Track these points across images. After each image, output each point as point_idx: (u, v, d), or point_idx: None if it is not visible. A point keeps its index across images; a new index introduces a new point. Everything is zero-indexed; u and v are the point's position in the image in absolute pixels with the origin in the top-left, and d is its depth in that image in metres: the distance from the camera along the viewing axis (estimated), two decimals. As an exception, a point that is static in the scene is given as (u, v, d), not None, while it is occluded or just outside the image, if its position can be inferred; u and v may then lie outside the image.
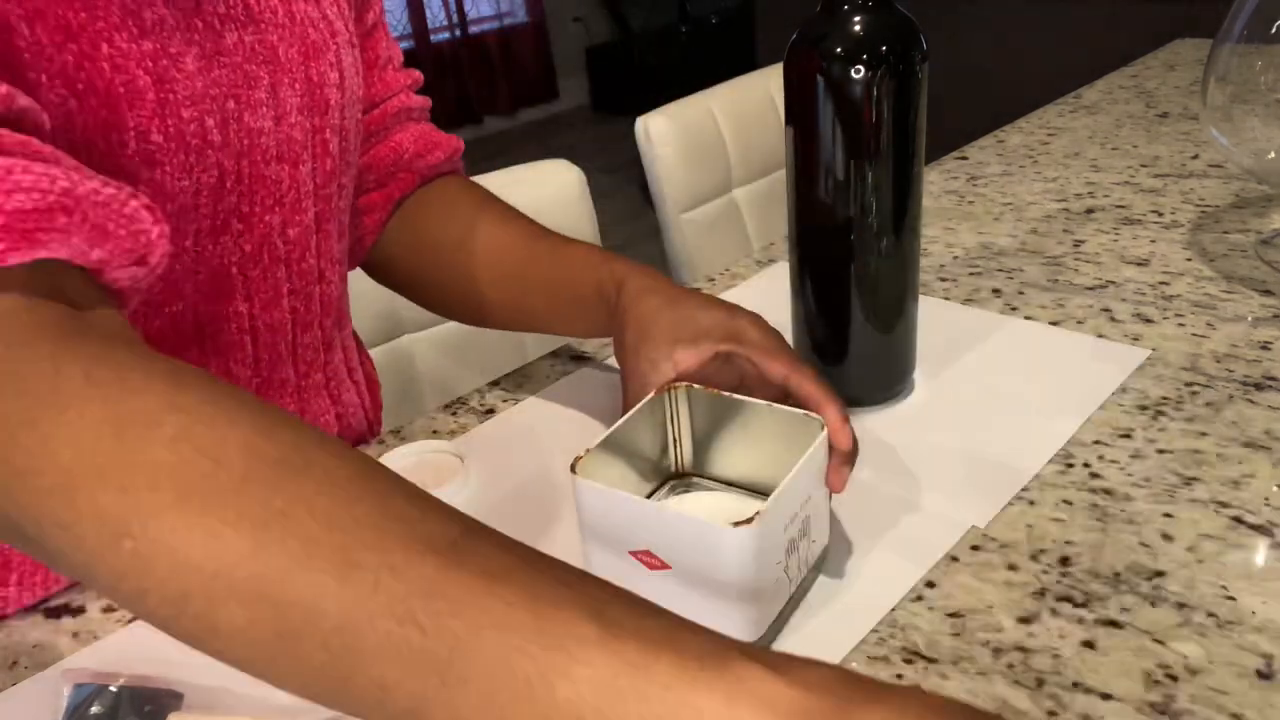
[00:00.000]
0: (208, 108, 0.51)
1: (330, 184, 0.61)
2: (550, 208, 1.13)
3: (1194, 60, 1.38)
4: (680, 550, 0.45)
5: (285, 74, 0.56)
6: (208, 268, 0.55)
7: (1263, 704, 0.41)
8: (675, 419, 0.54)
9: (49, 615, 0.53)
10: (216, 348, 0.57)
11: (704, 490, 0.55)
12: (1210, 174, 0.97)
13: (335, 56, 0.59)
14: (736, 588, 0.44)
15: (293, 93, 0.56)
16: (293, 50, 0.56)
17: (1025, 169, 1.05)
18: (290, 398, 0.63)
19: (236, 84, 0.53)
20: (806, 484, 0.47)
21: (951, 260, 0.85)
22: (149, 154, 0.49)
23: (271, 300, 0.59)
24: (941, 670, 0.44)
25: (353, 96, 0.62)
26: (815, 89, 0.56)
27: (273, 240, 0.58)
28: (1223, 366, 0.65)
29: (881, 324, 0.62)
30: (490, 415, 0.69)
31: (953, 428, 0.62)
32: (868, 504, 0.55)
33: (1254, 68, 0.74)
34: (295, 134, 0.57)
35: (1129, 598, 0.47)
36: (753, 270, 0.88)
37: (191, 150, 0.51)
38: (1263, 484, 0.54)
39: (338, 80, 0.59)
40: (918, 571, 0.50)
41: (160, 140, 0.49)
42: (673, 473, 0.56)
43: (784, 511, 0.45)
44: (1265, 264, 0.78)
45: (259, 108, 0.54)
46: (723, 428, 0.53)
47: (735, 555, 0.43)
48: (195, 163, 0.51)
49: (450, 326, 1.09)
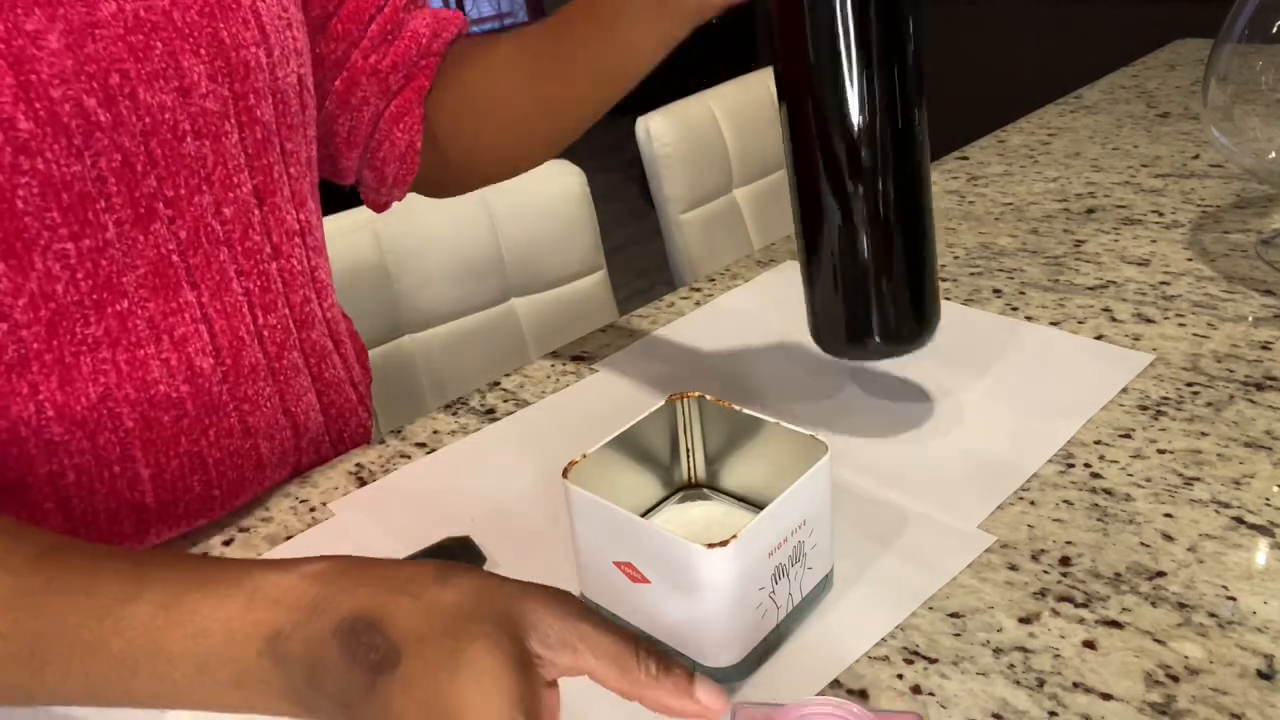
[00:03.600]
0: (85, 86, 0.47)
1: (267, 153, 0.57)
2: (550, 208, 1.13)
3: (1195, 60, 1.38)
4: (659, 566, 0.44)
5: (185, 40, 0.51)
6: (144, 260, 0.52)
7: (1263, 704, 0.41)
8: (688, 429, 0.53)
9: (49, 615, 0.52)
10: (173, 341, 0.55)
11: (711, 502, 0.54)
12: (1211, 174, 0.97)
13: (251, 12, 0.54)
14: (713, 609, 0.43)
15: (199, 60, 0.52)
16: (191, 12, 0.51)
17: (1026, 169, 1.05)
18: (264, 381, 0.60)
19: (120, 57, 0.48)
20: (800, 509, 0.45)
21: (952, 260, 0.85)
22: (21, 143, 0.46)
23: (220, 285, 0.56)
24: (942, 670, 0.44)
25: (286, 51, 0.57)
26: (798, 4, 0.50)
27: (208, 222, 0.55)
28: (1223, 366, 0.65)
29: (905, 248, 0.55)
30: (490, 415, 0.69)
31: (953, 428, 0.62)
32: (868, 505, 0.55)
33: (1255, 68, 0.74)
34: (210, 105, 0.53)
35: (1130, 598, 0.47)
36: (753, 270, 0.88)
37: (74, 133, 0.47)
38: (1263, 484, 0.54)
39: (257, 38, 0.55)
40: (927, 582, 0.50)
41: (30, 126, 0.46)
42: (686, 482, 0.55)
43: (768, 536, 0.43)
44: (1266, 264, 0.78)
45: (155, 81, 0.50)
46: (734, 441, 0.52)
47: (710, 576, 0.42)
48: (84, 146, 0.48)
49: (450, 327, 1.09)
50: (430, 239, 1.06)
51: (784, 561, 0.45)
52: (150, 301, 0.53)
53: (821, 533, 0.47)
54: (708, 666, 0.44)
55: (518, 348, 1.12)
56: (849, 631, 0.47)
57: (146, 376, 0.54)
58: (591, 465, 0.47)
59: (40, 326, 0.50)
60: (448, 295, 1.08)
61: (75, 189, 0.49)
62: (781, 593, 0.45)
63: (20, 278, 0.49)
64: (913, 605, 0.48)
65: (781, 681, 0.45)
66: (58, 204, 0.48)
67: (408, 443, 0.66)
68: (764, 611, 0.45)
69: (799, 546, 0.46)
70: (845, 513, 0.55)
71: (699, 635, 0.44)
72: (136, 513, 0.56)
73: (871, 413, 0.64)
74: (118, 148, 0.50)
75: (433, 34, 0.67)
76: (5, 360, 0.50)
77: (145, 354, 0.54)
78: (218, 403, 0.58)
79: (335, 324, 0.68)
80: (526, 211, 1.11)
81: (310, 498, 0.61)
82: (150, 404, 0.55)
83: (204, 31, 0.52)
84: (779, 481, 0.45)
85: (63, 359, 0.51)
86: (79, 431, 0.53)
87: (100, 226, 0.50)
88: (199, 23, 0.52)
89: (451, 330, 1.09)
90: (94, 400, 0.53)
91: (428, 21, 0.67)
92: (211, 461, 0.58)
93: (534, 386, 0.72)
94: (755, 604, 0.44)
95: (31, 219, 0.48)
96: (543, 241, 1.12)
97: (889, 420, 0.63)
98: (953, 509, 0.54)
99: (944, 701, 0.43)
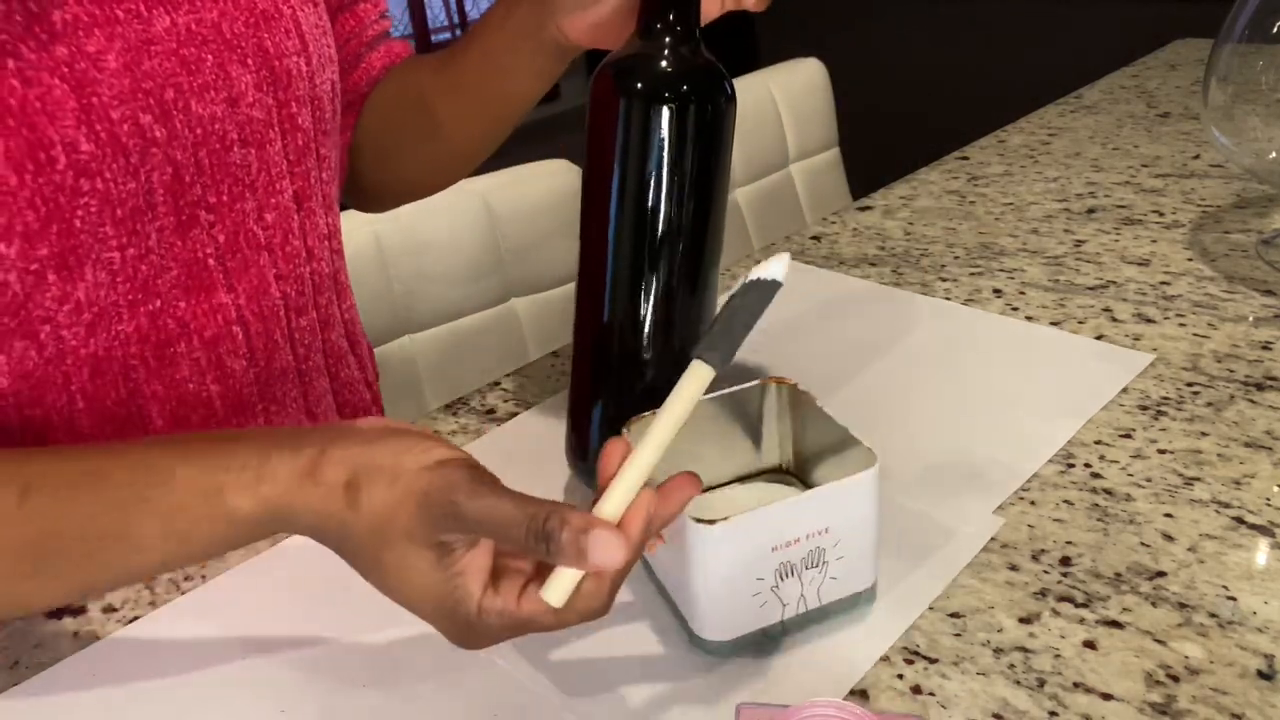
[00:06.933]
0: (142, 104, 0.48)
1: (306, 159, 0.58)
2: (550, 208, 1.13)
3: (1195, 60, 1.38)
4: (670, 530, 0.44)
5: (234, 51, 0.52)
6: (179, 263, 0.53)
7: (1264, 704, 0.41)
8: (781, 415, 0.53)
9: (49, 615, 0.53)
10: (203, 341, 0.55)
11: (787, 488, 0.54)
12: (1211, 174, 0.97)
13: (292, 21, 0.55)
14: (700, 583, 0.44)
15: (245, 70, 0.52)
16: (239, 24, 0.52)
17: (1026, 169, 1.05)
18: (291, 383, 0.61)
19: (174, 72, 0.49)
20: (822, 515, 0.45)
21: (952, 260, 0.85)
22: (83, 166, 0.46)
23: (259, 289, 0.57)
24: (942, 670, 0.44)
25: (323, 59, 0.58)
26: (613, 116, 0.50)
27: (249, 228, 0.55)
28: (1224, 366, 0.65)
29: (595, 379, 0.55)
30: (491, 415, 0.69)
31: (953, 428, 0.62)
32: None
33: (1255, 68, 0.74)
34: (255, 114, 0.53)
35: (1130, 598, 0.47)
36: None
37: (131, 153, 0.48)
38: (1263, 484, 0.54)
39: (298, 46, 0.55)
40: (929, 583, 0.50)
41: (92, 149, 0.46)
42: (777, 466, 0.55)
43: (771, 530, 0.44)
44: (1266, 264, 0.78)
45: (206, 93, 0.51)
46: (815, 436, 0.52)
47: (700, 551, 0.43)
48: (140, 164, 0.49)
49: (450, 327, 1.09)
50: (430, 239, 1.06)
51: (794, 561, 0.45)
52: (181, 302, 0.54)
53: (853, 544, 0.46)
54: (699, 637, 0.46)
55: (518, 348, 1.12)
56: (852, 633, 0.47)
57: (175, 375, 0.54)
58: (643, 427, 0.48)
59: (81, 328, 0.50)
60: (448, 295, 1.08)
61: (128, 205, 0.49)
62: (790, 591, 0.46)
63: (69, 287, 0.49)
64: (920, 608, 0.48)
65: (786, 684, 0.45)
66: (111, 219, 0.49)
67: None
68: (763, 602, 0.45)
69: (818, 551, 0.45)
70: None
71: (691, 604, 0.46)
72: None
73: (871, 413, 0.64)
74: (170, 161, 0.50)
75: (383, 67, 0.69)
76: (45, 355, 0.50)
77: (175, 352, 0.54)
78: (247, 403, 0.58)
79: (352, 325, 0.69)
80: (526, 211, 1.11)
81: (310, 498, 0.61)
82: (179, 402, 0.55)
83: (250, 42, 0.53)
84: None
85: (95, 353, 0.52)
86: (108, 426, 0.53)
87: (142, 235, 0.51)
88: (245, 33, 0.52)
89: (451, 330, 1.09)
90: (123, 395, 0.53)
91: (381, 56, 0.69)
92: None
93: (534, 386, 0.72)
94: (751, 592, 0.45)
95: (86, 235, 0.48)
96: (543, 241, 1.12)
97: (889, 420, 0.63)
98: (953, 509, 0.54)
99: (944, 701, 0.43)
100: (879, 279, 0.83)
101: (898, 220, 0.95)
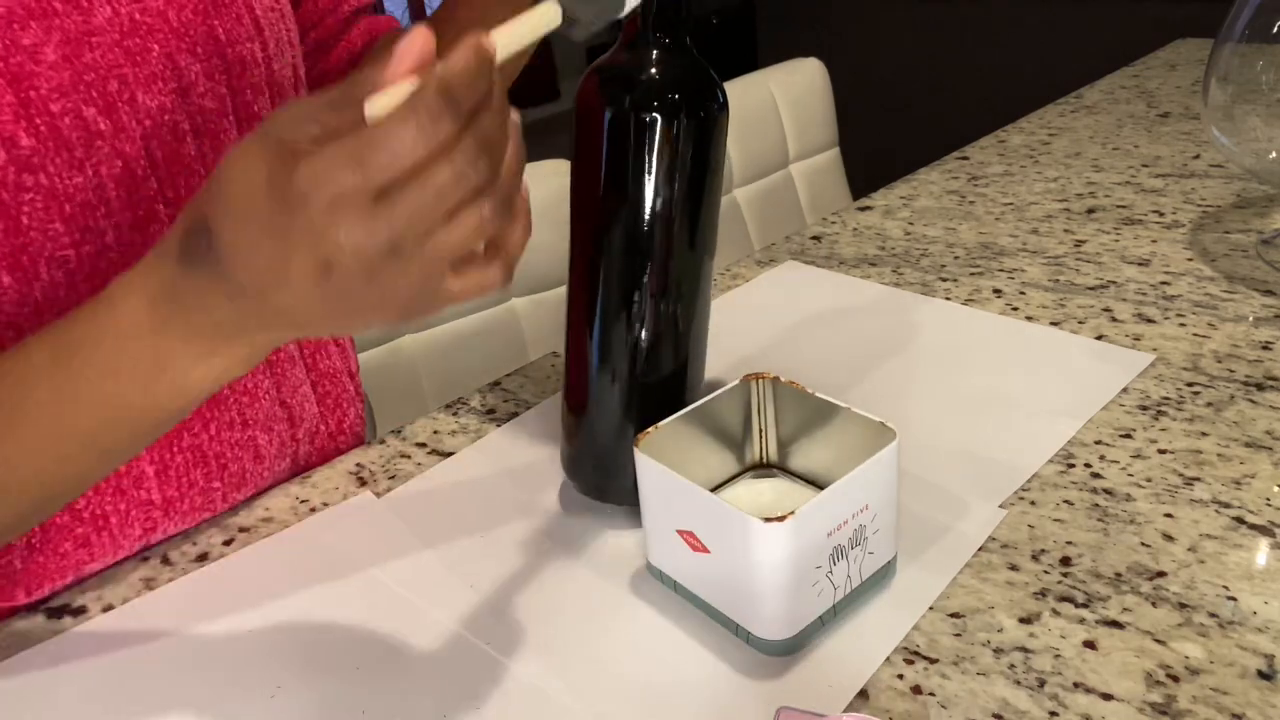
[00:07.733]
0: (84, 96, 0.47)
1: None
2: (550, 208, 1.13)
3: (1195, 60, 1.38)
4: (719, 537, 0.45)
5: (182, 40, 0.50)
6: (138, 257, 0.52)
7: (1264, 704, 0.41)
8: (761, 408, 0.54)
9: (50, 615, 0.53)
10: None
11: (781, 481, 0.55)
12: (1211, 174, 0.97)
13: (244, 6, 0.53)
14: (768, 583, 0.44)
15: (195, 59, 0.51)
16: (187, 11, 0.51)
17: (1026, 169, 1.05)
18: (261, 373, 0.60)
19: (118, 63, 0.48)
20: (864, 493, 0.46)
21: (953, 260, 0.85)
22: (24, 160, 0.46)
23: None
24: (942, 670, 0.44)
25: (281, 43, 0.56)
26: (600, 125, 0.49)
27: None
28: (1224, 366, 0.65)
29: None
30: (491, 415, 0.69)
31: (953, 428, 0.62)
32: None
33: (1255, 67, 0.74)
34: (208, 104, 0.52)
35: (1130, 598, 0.47)
36: (753, 270, 0.88)
37: (75, 146, 0.47)
38: (1264, 484, 0.54)
39: (251, 32, 0.54)
40: (930, 584, 0.50)
41: (32, 143, 0.46)
42: (758, 461, 0.55)
43: (828, 516, 0.44)
44: (1266, 264, 0.78)
45: (154, 83, 0.49)
46: (806, 424, 0.52)
47: (766, 550, 0.43)
48: (85, 158, 0.48)
49: (450, 327, 1.09)
50: (430, 239, 1.05)
51: (844, 543, 0.45)
52: None
53: (884, 518, 0.48)
54: (760, 638, 0.45)
55: (518, 348, 1.12)
56: (855, 635, 0.47)
57: None
58: (662, 436, 0.48)
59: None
60: (448, 295, 1.08)
61: (77, 199, 0.48)
62: (840, 574, 0.46)
63: (26, 289, 0.49)
64: (920, 609, 0.48)
65: (789, 684, 0.45)
66: (60, 215, 0.48)
67: (408, 443, 0.66)
68: (820, 590, 0.45)
69: (860, 530, 0.46)
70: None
71: (753, 607, 0.45)
72: (144, 510, 0.56)
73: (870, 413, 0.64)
74: (118, 154, 0.49)
75: (365, 45, 0.68)
76: None
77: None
78: (218, 396, 0.58)
79: None
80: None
81: (310, 497, 0.61)
82: None
83: (199, 29, 0.51)
84: (846, 465, 0.45)
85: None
86: None
87: (100, 232, 0.50)
88: (194, 20, 0.51)
89: (452, 330, 1.09)
90: None
91: (362, 32, 0.68)
92: (212, 454, 0.58)
93: (534, 386, 0.72)
94: (811, 582, 0.45)
95: (36, 232, 0.48)
96: (542, 242, 1.12)
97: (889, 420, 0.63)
98: (953, 509, 0.54)
99: (944, 702, 0.43)
100: (879, 279, 0.83)
101: (898, 220, 0.95)
